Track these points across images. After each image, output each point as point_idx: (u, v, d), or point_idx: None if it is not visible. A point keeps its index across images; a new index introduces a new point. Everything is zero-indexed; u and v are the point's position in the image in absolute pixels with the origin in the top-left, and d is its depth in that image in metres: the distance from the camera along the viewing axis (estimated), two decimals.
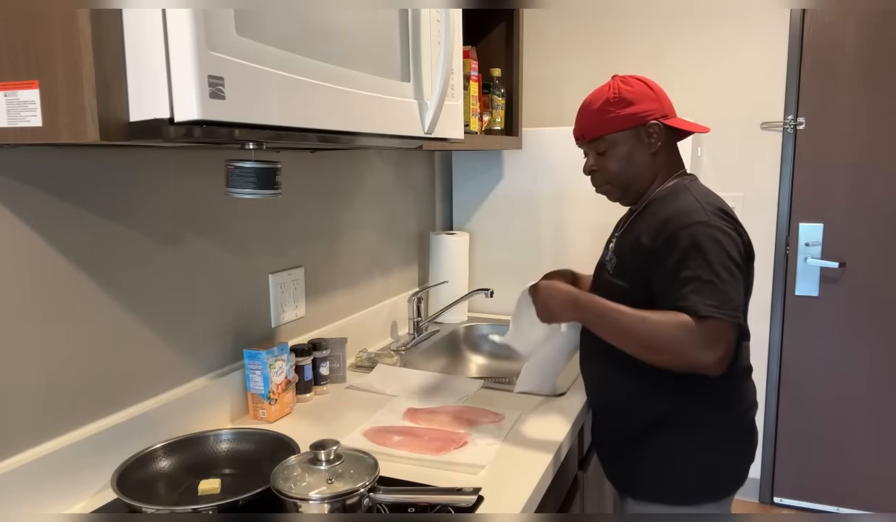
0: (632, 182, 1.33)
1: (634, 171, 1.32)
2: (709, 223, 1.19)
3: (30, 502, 0.99)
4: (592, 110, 1.32)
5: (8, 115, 0.78)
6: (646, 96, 1.30)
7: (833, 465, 2.66)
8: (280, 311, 1.55)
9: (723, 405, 1.27)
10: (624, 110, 1.29)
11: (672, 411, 1.26)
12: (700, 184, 1.32)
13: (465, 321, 2.23)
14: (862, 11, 2.40)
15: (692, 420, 1.26)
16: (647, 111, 1.29)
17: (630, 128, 1.30)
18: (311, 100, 0.88)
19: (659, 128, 1.30)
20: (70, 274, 1.06)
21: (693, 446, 1.26)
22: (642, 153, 1.31)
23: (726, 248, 1.17)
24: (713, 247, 1.17)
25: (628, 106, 1.29)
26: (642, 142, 1.31)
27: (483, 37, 2.17)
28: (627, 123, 1.29)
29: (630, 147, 1.31)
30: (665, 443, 1.27)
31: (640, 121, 1.29)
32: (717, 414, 1.26)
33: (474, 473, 1.15)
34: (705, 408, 1.26)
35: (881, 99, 2.42)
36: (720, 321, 1.13)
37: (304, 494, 0.91)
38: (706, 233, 1.18)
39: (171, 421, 1.23)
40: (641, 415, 1.28)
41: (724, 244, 1.17)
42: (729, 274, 1.16)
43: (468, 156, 2.36)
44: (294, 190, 1.59)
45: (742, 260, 1.20)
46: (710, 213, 1.20)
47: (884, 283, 2.50)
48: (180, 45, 0.70)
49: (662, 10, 2.62)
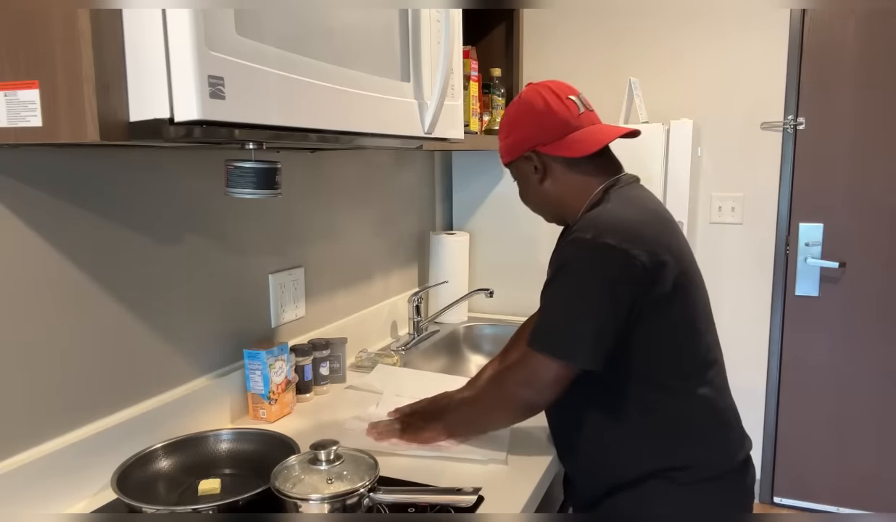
0: (544, 209, 1.24)
1: (538, 201, 1.23)
2: (588, 241, 1.05)
3: (30, 502, 0.99)
4: (502, 133, 1.23)
5: (8, 115, 0.78)
6: (523, 122, 1.18)
7: (833, 465, 2.66)
8: (280, 311, 1.55)
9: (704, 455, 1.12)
10: (505, 140, 1.21)
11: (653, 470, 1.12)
12: (628, 193, 1.15)
13: (465, 321, 2.23)
14: (862, 11, 2.40)
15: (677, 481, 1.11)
16: (523, 139, 1.18)
17: (514, 160, 1.21)
18: (312, 100, 0.88)
19: (536, 157, 1.18)
20: (70, 274, 1.06)
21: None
22: (534, 183, 1.20)
23: (595, 275, 1.04)
24: (576, 273, 1.06)
25: (508, 135, 1.20)
26: (529, 172, 1.20)
27: (483, 37, 2.17)
28: (510, 155, 1.21)
29: (522, 177, 1.22)
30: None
31: (517, 153, 1.19)
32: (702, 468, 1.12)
33: (486, 464, 1.17)
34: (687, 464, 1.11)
35: (881, 99, 2.42)
36: (537, 356, 1.07)
37: (304, 494, 0.91)
38: (577, 253, 1.06)
39: (171, 421, 1.23)
40: (624, 474, 1.14)
41: (594, 269, 1.04)
42: (584, 305, 1.04)
43: (468, 156, 2.36)
44: (294, 190, 1.59)
45: (628, 289, 1.04)
46: (601, 230, 1.05)
47: (884, 283, 2.50)
48: (180, 45, 0.70)
49: (662, 10, 2.62)
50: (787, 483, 2.73)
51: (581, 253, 1.06)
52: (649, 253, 1.05)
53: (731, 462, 1.15)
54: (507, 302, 2.33)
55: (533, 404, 1.12)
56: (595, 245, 1.04)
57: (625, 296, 1.04)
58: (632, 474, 1.13)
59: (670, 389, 1.11)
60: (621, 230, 1.05)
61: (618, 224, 1.06)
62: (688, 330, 1.12)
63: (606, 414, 1.13)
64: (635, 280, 1.04)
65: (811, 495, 2.71)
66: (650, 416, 1.11)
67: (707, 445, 1.13)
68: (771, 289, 2.64)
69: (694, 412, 1.12)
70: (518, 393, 1.11)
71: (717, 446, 1.14)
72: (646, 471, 1.12)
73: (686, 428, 1.12)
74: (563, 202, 1.20)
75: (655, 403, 1.11)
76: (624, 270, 1.04)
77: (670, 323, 1.10)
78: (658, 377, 1.11)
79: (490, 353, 2.13)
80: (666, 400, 1.11)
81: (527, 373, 1.10)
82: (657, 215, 1.13)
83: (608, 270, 1.04)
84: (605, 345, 1.05)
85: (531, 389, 1.09)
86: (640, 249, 1.04)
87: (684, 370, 1.12)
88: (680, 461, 1.11)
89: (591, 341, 1.05)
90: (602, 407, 1.14)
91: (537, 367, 1.08)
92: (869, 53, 2.41)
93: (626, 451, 1.13)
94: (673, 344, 1.11)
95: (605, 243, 1.04)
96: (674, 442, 1.11)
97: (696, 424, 1.13)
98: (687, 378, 1.12)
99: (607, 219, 1.07)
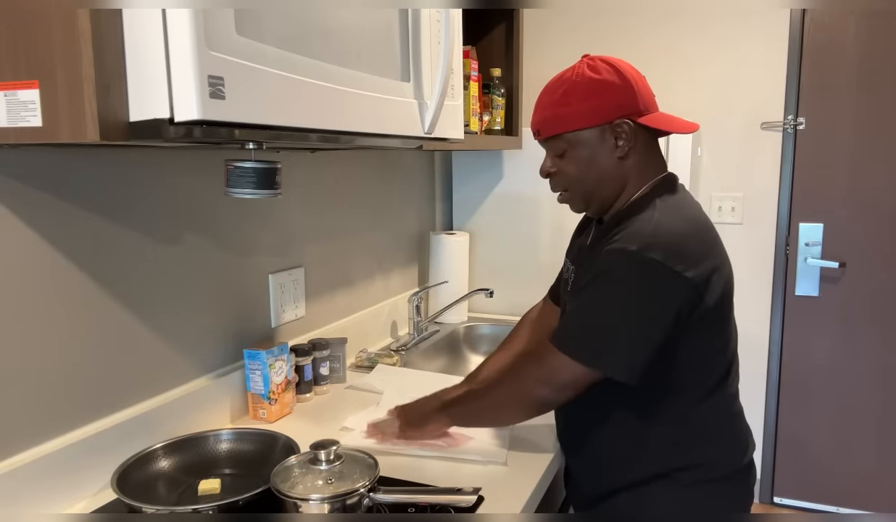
0: (595, 191, 1.13)
1: (598, 179, 1.12)
2: (634, 253, 1.00)
3: (30, 502, 0.99)
4: (551, 101, 1.12)
5: (8, 115, 0.78)
6: (614, 87, 1.08)
7: (833, 465, 2.66)
8: (280, 311, 1.55)
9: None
10: (586, 103, 1.08)
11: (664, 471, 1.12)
12: (674, 198, 1.11)
13: (465, 321, 2.23)
14: (862, 11, 2.40)
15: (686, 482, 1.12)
16: (614, 106, 1.08)
17: (593, 127, 1.09)
18: (312, 100, 0.88)
19: (629, 128, 1.09)
20: (70, 274, 1.06)
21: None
22: (607, 157, 1.10)
23: (639, 290, 1.01)
24: (619, 285, 1.02)
25: (591, 98, 1.08)
26: (608, 143, 1.10)
27: (483, 37, 2.17)
28: (589, 121, 1.08)
29: (592, 149, 1.10)
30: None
31: (605, 119, 1.08)
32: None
33: (485, 465, 1.16)
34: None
35: (881, 99, 2.42)
36: (560, 356, 1.04)
37: (304, 494, 0.91)
38: (622, 264, 1.01)
39: (171, 421, 1.23)
40: (633, 473, 1.14)
41: (637, 284, 1.01)
42: (624, 318, 1.01)
43: (468, 156, 2.36)
44: (294, 190, 1.59)
45: (671, 306, 1.01)
46: (647, 243, 1.01)
47: (884, 283, 2.50)
48: (180, 45, 0.70)
49: (662, 9, 2.62)
50: (787, 483, 2.73)
51: (626, 264, 1.01)
52: (696, 270, 1.01)
53: (738, 463, 1.15)
54: (507, 302, 2.33)
55: (547, 402, 1.09)
56: (642, 259, 1.00)
57: (666, 314, 1.01)
58: (640, 474, 1.13)
59: (694, 396, 1.11)
60: (668, 244, 1.01)
61: (666, 238, 1.02)
62: (722, 341, 1.11)
63: (623, 415, 1.12)
64: (679, 298, 1.01)
65: (811, 495, 2.71)
66: (667, 420, 1.11)
67: (718, 447, 1.14)
68: (771, 289, 2.64)
69: (710, 415, 1.12)
70: (534, 389, 1.09)
71: (727, 448, 1.15)
72: (654, 472, 1.12)
73: (700, 431, 1.12)
74: (624, 183, 1.12)
75: (675, 408, 1.11)
76: (669, 288, 1.00)
77: (708, 338, 1.08)
78: (685, 385, 1.10)
79: (490, 353, 2.13)
80: (686, 404, 1.11)
81: (545, 372, 1.07)
82: (703, 226, 1.09)
83: (653, 287, 1.00)
84: (638, 358, 1.02)
85: (548, 387, 1.07)
86: (686, 266, 1.00)
87: (713, 378, 1.11)
88: (689, 461, 1.12)
89: (623, 352, 1.02)
90: (620, 408, 1.12)
91: (558, 367, 1.05)
92: (869, 54, 2.41)
93: (639, 452, 1.13)
94: (707, 356, 1.10)
95: (652, 259, 0.99)
96: (686, 444, 1.12)
97: (710, 427, 1.13)
98: (713, 385, 1.12)
99: (654, 232, 1.02)
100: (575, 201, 1.17)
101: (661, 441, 1.12)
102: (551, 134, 1.12)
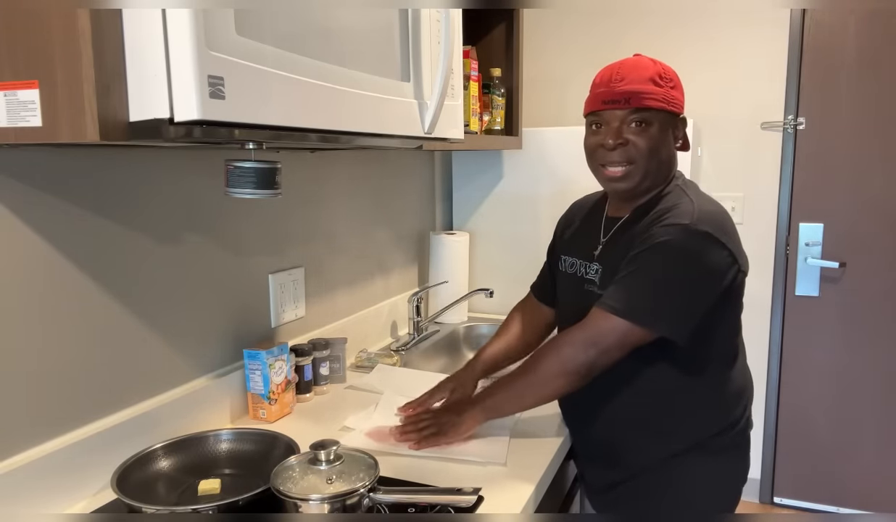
0: (655, 169, 1.20)
1: (661, 160, 1.20)
2: (687, 226, 1.11)
3: (30, 502, 0.99)
4: (644, 77, 1.18)
5: (8, 115, 0.78)
6: (681, 88, 1.22)
7: (833, 465, 2.66)
8: (280, 311, 1.55)
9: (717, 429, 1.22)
10: (674, 91, 1.19)
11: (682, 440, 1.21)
12: (695, 187, 1.26)
13: (465, 321, 2.23)
14: (862, 11, 2.40)
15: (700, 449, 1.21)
16: (683, 103, 1.22)
17: (670, 113, 1.19)
18: (311, 100, 0.88)
19: (685, 125, 1.24)
20: (70, 274, 1.06)
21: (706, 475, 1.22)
22: (671, 145, 1.22)
23: (694, 257, 1.10)
24: (676, 252, 1.10)
25: (677, 89, 1.20)
26: (672, 133, 1.22)
27: (483, 37, 2.17)
28: (673, 106, 1.18)
29: (664, 132, 1.19)
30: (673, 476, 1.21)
31: (679, 109, 1.20)
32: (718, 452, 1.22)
33: (485, 466, 1.16)
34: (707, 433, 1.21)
35: (881, 99, 2.42)
36: (609, 317, 1.10)
37: (304, 494, 0.91)
38: (677, 234, 1.11)
39: (171, 421, 1.23)
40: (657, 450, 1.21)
41: (693, 252, 1.10)
42: (675, 285, 1.10)
43: (468, 156, 2.36)
44: (294, 190, 1.59)
45: (720, 275, 1.12)
46: (697, 218, 1.12)
47: (884, 283, 2.50)
48: (180, 45, 0.70)
49: (663, 10, 2.62)
50: (787, 483, 2.73)
51: (681, 235, 1.10)
52: (735, 245, 1.14)
53: (746, 431, 1.26)
54: (507, 302, 2.31)
55: (594, 365, 1.13)
56: (696, 231, 1.10)
57: (714, 281, 1.12)
58: (679, 445, 1.20)
59: (724, 361, 1.22)
60: (713, 221, 1.12)
61: (710, 215, 1.13)
62: (741, 310, 1.24)
63: (667, 384, 1.19)
64: (725, 267, 1.12)
65: (811, 495, 2.71)
66: (706, 387, 1.20)
67: (737, 414, 1.24)
68: (771, 289, 2.64)
69: (733, 382, 1.23)
70: (580, 354, 1.12)
71: (745, 416, 1.26)
72: (693, 440, 1.20)
73: (727, 397, 1.22)
74: (669, 173, 1.24)
75: (712, 375, 1.20)
76: (718, 258, 1.11)
77: (737, 305, 1.21)
78: (720, 351, 1.21)
79: None
80: (719, 371, 1.21)
81: (592, 334, 1.12)
82: (726, 211, 1.20)
83: (705, 256, 1.10)
84: (689, 320, 1.11)
85: (595, 349, 1.12)
86: (728, 239, 1.13)
87: (735, 345, 1.25)
88: (717, 428, 1.21)
89: (677, 311, 1.11)
90: (662, 378, 1.18)
91: (605, 329, 1.11)
92: (869, 54, 2.41)
93: (682, 420, 1.20)
94: (734, 323, 1.23)
95: (704, 231, 1.10)
96: (717, 411, 1.21)
97: (733, 393, 1.23)
98: (735, 352, 1.25)
99: (699, 209, 1.14)
100: (633, 175, 1.20)
101: (698, 407, 1.19)
102: (646, 105, 1.17)
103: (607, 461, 1.27)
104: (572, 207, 1.46)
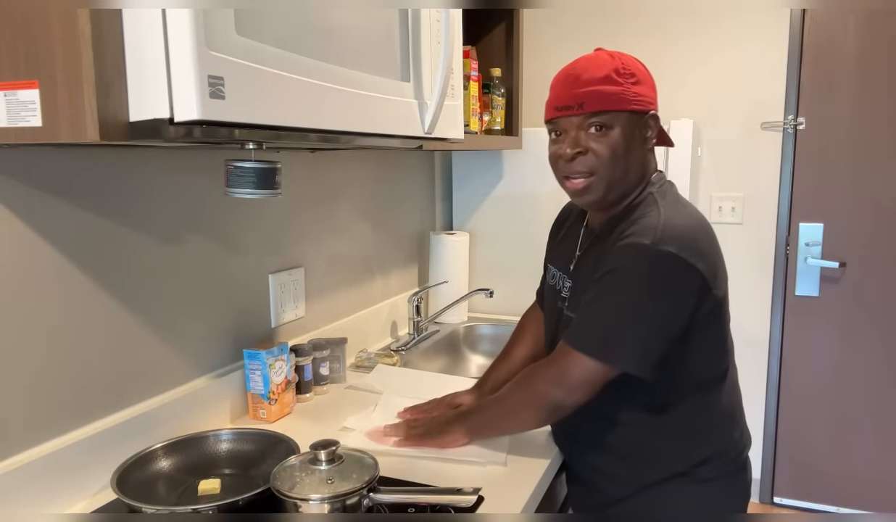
0: (622, 177, 1.09)
1: (629, 165, 1.09)
2: (648, 247, 1.00)
3: (30, 502, 0.99)
4: (602, 75, 1.06)
5: (8, 115, 0.78)
6: (649, 81, 1.11)
7: (833, 465, 2.66)
8: (280, 311, 1.55)
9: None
10: (635, 87, 1.07)
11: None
12: (672, 193, 1.14)
13: (465, 321, 2.23)
14: (862, 11, 2.40)
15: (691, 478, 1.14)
16: (653, 98, 1.10)
17: (634, 112, 1.07)
18: (311, 100, 0.88)
19: (656, 122, 1.11)
20: (70, 274, 1.06)
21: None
22: (639, 146, 1.10)
23: (655, 284, 1.01)
24: (636, 278, 1.01)
25: (639, 84, 1.08)
26: (641, 133, 1.10)
27: (483, 37, 2.17)
28: (635, 104, 1.07)
29: (629, 134, 1.08)
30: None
31: (647, 107, 1.08)
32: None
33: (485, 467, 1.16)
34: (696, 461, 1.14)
35: (881, 99, 2.42)
36: (573, 354, 1.04)
37: (304, 494, 0.91)
38: (636, 257, 1.01)
39: (171, 421, 1.23)
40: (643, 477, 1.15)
41: (654, 278, 1.00)
42: (635, 316, 1.01)
43: (468, 156, 2.36)
44: (294, 190, 1.59)
45: (686, 301, 1.02)
46: (660, 237, 1.01)
47: (884, 283, 2.50)
48: (180, 45, 0.70)
49: (663, 9, 2.62)
50: (787, 483, 2.73)
51: (640, 257, 1.01)
52: (706, 263, 1.02)
53: (740, 457, 1.18)
54: (507, 302, 2.32)
55: (561, 404, 1.08)
56: (656, 252, 1.00)
57: (681, 306, 1.02)
58: (659, 474, 1.13)
59: (705, 387, 1.13)
60: (680, 238, 1.01)
61: (677, 231, 1.02)
62: (724, 332, 1.14)
63: (638, 415, 1.12)
64: (694, 290, 1.02)
65: (811, 495, 2.71)
66: (682, 414, 1.12)
67: (725, 440, 1.16)
68: (771, 289, 2.64)
69: (717, 408, 1.14)
70: (547, 391, 1.08)
71: (732, 441, 1.17)
72: (675, 470, 1.13)
73: (711, 424, 1.14)
74: (642, 178, 1.13)
75: (693, 402, 1.12)
76: (684, 280, 1.01)
77: (716, 329, 1.11)
78: (700, 378, 1.12)
79: (490, 353, 2.13)
80: (700, 398, 1.12)
81: (557, 372, 1.07)
82: (702, 220, 1.10)
83: (668, 279, 1.01)
84: (653, 352, 1.03)
85: (561, 388, 1.07)
86: (698, 259, 1.01)
87: (720, 369, 1.14)
88: (702, 457, 1.13)
89: (637, 345, 1.02)
90: (636, 409, 1.12)
91: (569, 366, 1.05)
92: (869, 53, 2.41)
93: (658, 450, 1.13)
94: (715, 347, 1.13)
95: (667, 251, 1.00)
96: (701, 438, 1.13)
97: (718, 420, 1.15)
98: (719, 376, 1.14)
99: (665, 226, 1.02)
100: (597, 187, 1.10)
101: (678, 436, 1.12)
102: (598, 108, 1.06)
103: (588, 486, 1.24)
104: (566, 208, 1.40)
